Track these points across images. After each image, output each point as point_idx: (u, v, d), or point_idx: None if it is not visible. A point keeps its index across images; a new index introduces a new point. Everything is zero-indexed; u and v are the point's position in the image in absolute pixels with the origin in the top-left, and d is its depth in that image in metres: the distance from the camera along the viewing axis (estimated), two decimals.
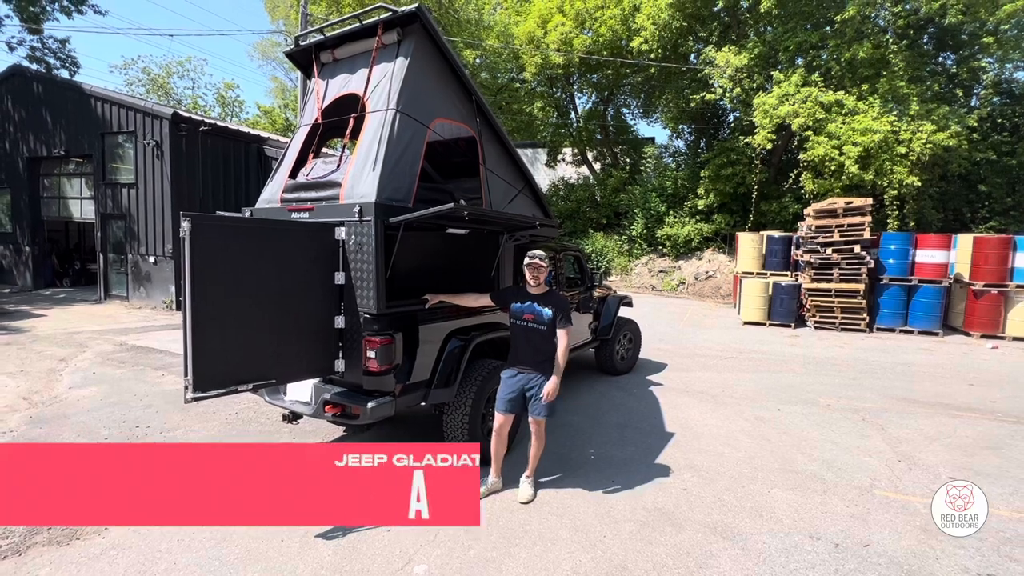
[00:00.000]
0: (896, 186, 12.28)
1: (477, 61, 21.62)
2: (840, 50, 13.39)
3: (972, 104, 14.39)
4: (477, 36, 20.18)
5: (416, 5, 3.73)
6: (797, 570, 2.90)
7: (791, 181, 14.62)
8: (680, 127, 20.18)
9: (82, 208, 13.63)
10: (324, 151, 4.91)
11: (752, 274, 12.39)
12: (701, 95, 15.85)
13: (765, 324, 11.24)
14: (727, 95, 15.24)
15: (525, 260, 3.63)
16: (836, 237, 10.43)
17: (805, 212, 11.69)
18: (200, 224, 2.87)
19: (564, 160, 23.20)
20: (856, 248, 10.25)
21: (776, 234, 12.65)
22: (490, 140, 4.59)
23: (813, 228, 10.79)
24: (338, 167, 3.95)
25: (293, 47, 4.58)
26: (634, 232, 18.08)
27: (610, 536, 3.18)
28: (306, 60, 4.58)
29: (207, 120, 12.96)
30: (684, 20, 15.91)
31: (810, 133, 12.89)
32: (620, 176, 19.88)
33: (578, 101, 22.91)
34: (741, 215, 16.49)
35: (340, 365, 3.63)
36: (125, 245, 12.46)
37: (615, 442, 4.65)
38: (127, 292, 12.58)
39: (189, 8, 52.96)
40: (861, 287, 10.33)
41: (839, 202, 10.66)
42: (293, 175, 4.28)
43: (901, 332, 10.56)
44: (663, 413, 5.45)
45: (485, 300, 3.89)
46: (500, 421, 3.61)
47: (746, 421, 5.26)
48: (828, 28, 14.02)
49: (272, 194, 4.33)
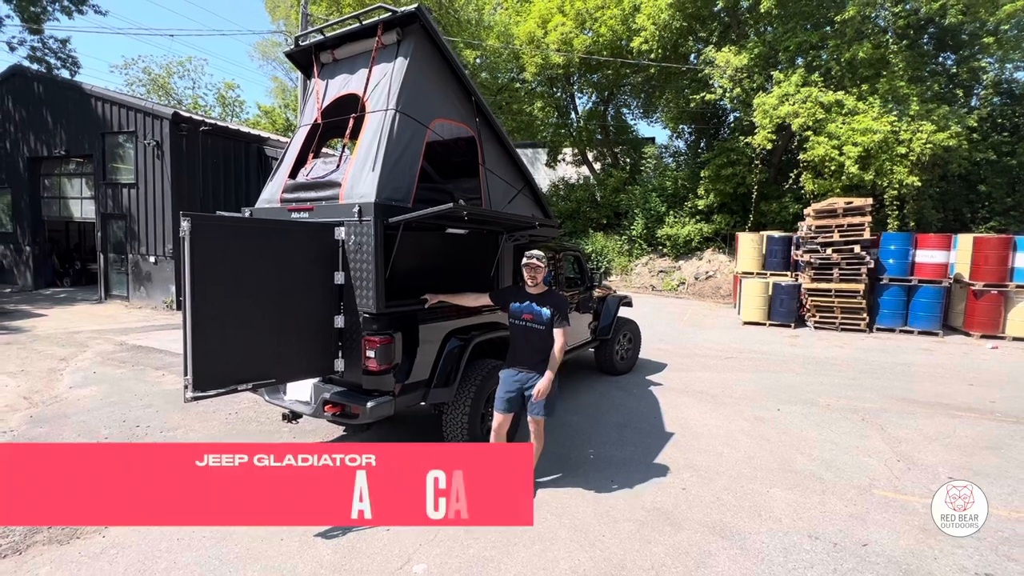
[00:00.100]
0: (896, 186, 12.28)
1: (477, 61, 21.62)
2: (840, 50, 13.39)
3: (972, 104, 14.36)
4: (477, 36, 20.17)
5: (416, 5, 3.74)
6: (796, 569, 2.90)
7: (791, 181, 14.62)
8: (680, 127, 20.18)
9: (82, 208, 13.64)
10: (324, 151, 4.92)
11: (752, 274, 12.39)
12: (701, 95, 15.86)
13: (765, 324, 11.24)
14: (727, 95, 15.24)
15: (523, 260, 3.64)
16: (836, 237, 10.43)
17: (805, 212, 11.69)
18: (200, 224, 2.88)
19: (564, 160, 23.19)
20: (856, 248, 10.25)
21: (776, 234, 12.64)
22: (489, 140, 4.60)
23: (813, 228, 10.79)
24: (338, 167, 3.96)
25: (293, 47, 4.60)
26: (634, 232, 18.09)
27: (609, 535, 3.19)
28: (306, 60, 4.60)
29: (207, 120, 12.97)
30: (684, 20, 15.91)
31: (810, 133, 12.88)
32: (620, 176, 19.88)
33: (578, 101, 22.97)
34: (741, 215, 16.49)
35: (340, 365, 3.64)
36: (125, 245, 12.47)
37: (614, 442, 4.65)
38: (127, 292, 12.59)
39: (189, 8, 53.06)
40: (861, 287, 10.33)
41: (839, 202, 10.66)
42: (293, 175, 4.29)
43: (901, 332, 10.56)
44: (663, 413, 5.45)
45: (484, 300, 3.90)
46: (499, 420, 3.61)
47: (745, 421, 5.26)
48: (828, 28, 14.02)
49: (272, 194, 4.34)
